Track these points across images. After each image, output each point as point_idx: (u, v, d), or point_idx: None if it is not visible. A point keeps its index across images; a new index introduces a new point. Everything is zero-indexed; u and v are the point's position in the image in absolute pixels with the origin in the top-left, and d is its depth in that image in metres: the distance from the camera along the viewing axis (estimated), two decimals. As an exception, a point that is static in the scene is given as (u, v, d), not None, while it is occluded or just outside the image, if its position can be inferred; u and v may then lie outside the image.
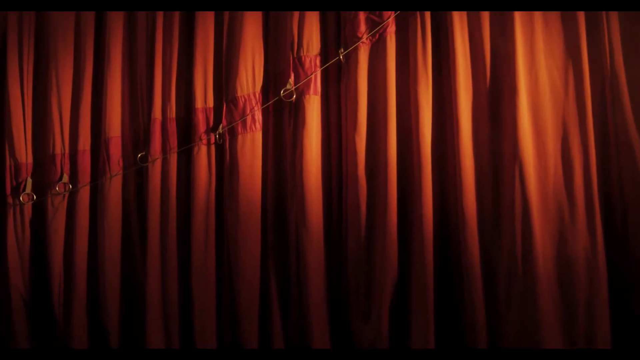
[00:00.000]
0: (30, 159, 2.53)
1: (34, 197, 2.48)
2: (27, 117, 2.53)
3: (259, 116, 2.24)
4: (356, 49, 2.13)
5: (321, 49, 2.22)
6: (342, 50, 2.16)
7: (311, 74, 2.17)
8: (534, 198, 1.87)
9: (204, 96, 2.30)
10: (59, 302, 2.41)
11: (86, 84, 2.48)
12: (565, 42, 1.96)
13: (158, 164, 2.33)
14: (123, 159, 2.43)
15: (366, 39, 2.12)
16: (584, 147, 1.89)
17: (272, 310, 2.16)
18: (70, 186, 2.45)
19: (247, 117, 2.22)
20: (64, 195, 2.45)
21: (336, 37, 2.25)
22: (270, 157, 2.27)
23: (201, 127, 2.29)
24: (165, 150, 2.33)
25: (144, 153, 2.37)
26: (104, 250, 2.36)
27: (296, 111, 2.18)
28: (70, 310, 2.38)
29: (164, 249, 2.28)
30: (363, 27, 2.12)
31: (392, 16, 2.08)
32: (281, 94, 2.19)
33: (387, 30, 2.09)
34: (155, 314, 2.25)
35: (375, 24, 2.10)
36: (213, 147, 2.28)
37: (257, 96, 2.25)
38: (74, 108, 2.48)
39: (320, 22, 2.23)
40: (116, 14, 2.44)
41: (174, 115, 2.34)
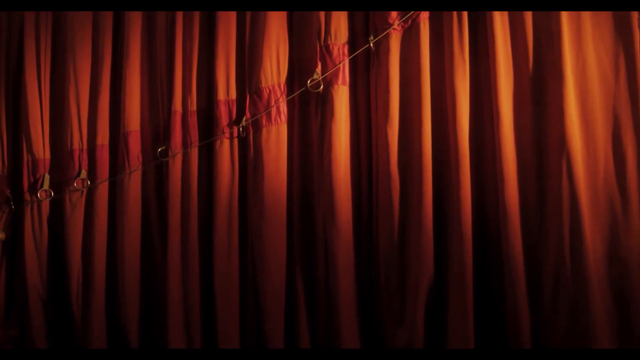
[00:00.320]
0: (47, 155, 2.45)
1: (52, 193, 2.40)
2: (45, 112, 2.45)
3: (284, 108, 2.11)
4: (387, 36, 1.99)
5: (349, 36, 2.09)
6: (372, 37, 2.02)
7: (339, 63, 2.04)
8: (582, 192, 1.71)
9: (226, 88, 2.17)
10: (77, 301, 2.33)
11: (104, 78, 2.38)
12: (615, 24, 1.79)
13: (179, 158, 2.21)
14: (142, 154, 2.32)
15: (398, 25, 1.98)
16: (637, 137, 1.74)
17: (299, 310, 2.04)
18: (89, 182, 2.35)
19: (272, 108, 2.09)
20: (82, 192, 2.35)
21: (365, 24, 2.10)
22: (296, 151, 2.14)
23: (223, 120, 2.16)
24: (186, 145, 2.22)
25: (164, 147, 2.26)
26: (123, 248, 2.26)
27: (324, 102, 2.05)
28: (88, 310, 2.29)
29: (185, 247, 2.16)
30: (394, 12, 1.98)
31: (426, 0, 1.93)
32: (308, 84, 2.06)
33: (420, 15, 1.95)
34: (177, 313, 2.14)
35: (408, 9, 1.96)
36: (236, 141, 2.16)
37: (282, 87, 2.12)
38: (92, 102, 2.39)
39: (348, 8, 2.09)
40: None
41: (195, 107, 2.23)
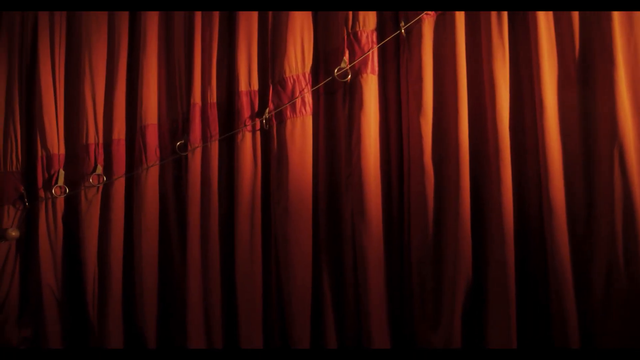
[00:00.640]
0: (62, 150, 2.35)
1: (67, 190, 2.30)
2: (59, 106, 2.36)
3: (309, 98, 1.99)
4: (419, 22, 1.86)
5: (377, 23, 1.96)
6: (403, 23, 1.89)
7: (368, 50, 1.90)
8: (637, 184, 1.57)
9: (247, 78, 2.05)
10: (93, 302, 2.23)
11: (120, 70, 2.27)
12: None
13: (198, 153, 2.10)
14: (160, 149, 2.21)
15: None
16: (695, 126, 1.59)
17: (325, 310, 1.92)
18: (105, 178, 2.25)
19: (297, 99, 1.97)
20: (97, 188, 2.25)
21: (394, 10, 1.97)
22: (322, 144, 2.01)
23: (245, 112, 2.04)
24: (205, 138, 2.10)
25: (182, 141, 2.15)
26: (141, 247, 2.15)
27: (352, 92, 1.92)
28: (105, 310, 2.19)
29: (205, 246, 2.05)
30: (428, -5, 1.85)
31: (461, -17, 1.80)
32: (335, 74, 1.93)
33: (455, -1, 1.82)
34: (196, 314, 2.03)
35: (441, -8, 1.83)
36: (258, 134, 2.04)
37: (307, 77, 1.99)
38: (108, 95, 2.29)
39: (377, -7, 1.96)
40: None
41: (214, 99, 2.11)
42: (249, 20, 2.08)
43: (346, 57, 1.92)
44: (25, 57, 2.45)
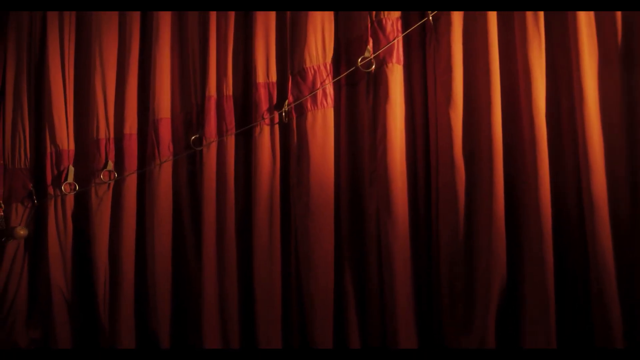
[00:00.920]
0: (72, 146, 2.27)
1: (76, 187, 2.22)
2: (69, 100, 2.28)
3: (330, 90, 1.88)
4: (448, 9, 1.75)
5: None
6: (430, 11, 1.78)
7: (394, 39, 1.80)
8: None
9: (265, 69, 1.95)
10: (104, 302, 2.14)
11: (132, 62, 2.18)
12: None
13: (213, 147, 2.00)
14: (174, 143, 2.11)
15: (460, -5, 1.74)
16: None
17: (348, 311, 1.81)
18: (116, 174, 2.16)
19: (318, 91, 1.86)
20: (109, 185, 2.16)
21: (420, -4, 1.87)
22: (343, 138, 1.91)
23: (263, 105, 1.94)
24: (221, 132, 2.00)
25: (197, 136, 2.05)
26: (154, 245, 2.06)
27: (376, 83, 1.81)
28: (116, 311, 2.10)
29: (221, 244, 1.95)
30: (456, -19, 1.74)
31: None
32: (358, 63, 1.82)
33: (486, -17, 1.70)
34: (212, 315, 1.94)
35: (471, -23, 1.72)
36: (277, 127, 1.93)
37: (328, 67, 1.89)
38: (119, 88, 2.20)
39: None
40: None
41: (230, 92, 2.00)
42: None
43: (370, 46, 1.81)
44: (34, 50, 2.38)
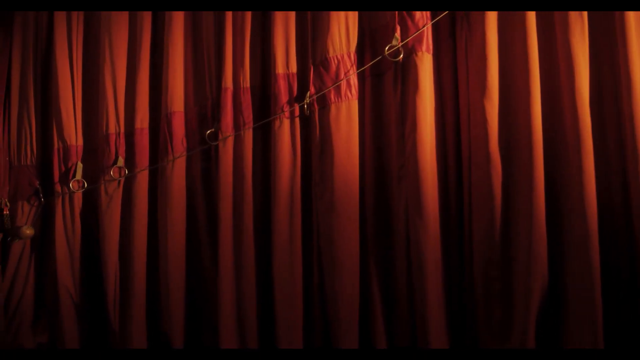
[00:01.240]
0: (80, 141, 2.17)
1: (85, 184, 2.12)
2: (77, 93, 2.17)
3: (355, 81, 1.76)
4: (481, -7, 1.63)
5: (432, -4, 1.74)
6: (463, -4, 1.66)
7: (423, 26, 1.68)
8: None
9: (285, 59, 1.83)
10: (114, 304, 2.04)
11: (143, 53, 2.06)
12: None
13: (230, 142, 1.88)
14: (187, 138, 2.00)
15: (494, -21, 1.62)
16: None
17: (375, 316, 1.71)
18: (127, 171, 2.05)
19: (342, 82, 1.75)
20: (119, 182, 2.06)
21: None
22: (368, 132, 1.79)
23: (283, 97, 1.82)
24: (238, 126, 1.88)
25: (212, 130, 1.93)
26: (167, 245, 1.94)
27: (404, 73, 1.69)
28: (127, 313, 1.99)
29: (238, 244, 1.84)
30: (490, -37, 1.62)
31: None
32: (386, 52, 1.71)
33: (523, -35, 1.58)
34: (229, 316, 1.83)
35: (506, -40, 1.60)
36: (297, 120, 1.81)
37: (353, 57, 1.77)
38: (129, 81, 2.09)
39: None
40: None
41: (248, 84, 1.89)
42: (285, -6, 1.86)
43: (398, 33, 1.69)
44: (41, 42, 2.28)
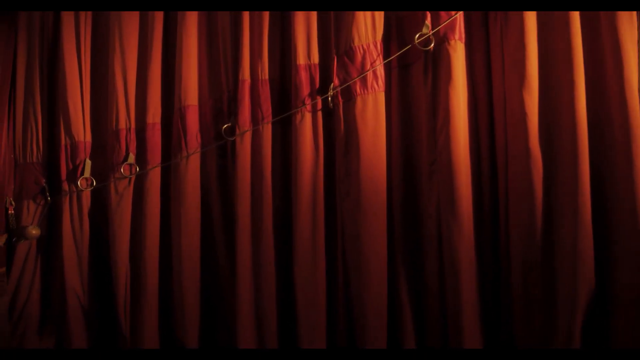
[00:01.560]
0: (88, 137, 2.07)
1: (94, 182, 2.01)
2: (85, 87, 2.07)
3: (381, 71, 1.65)
4: (518, -23, 1.52)
5: (462, -18, 1.62)
6: (498, -20, 1.55)
7: (456, 12, 1.57)
8: None
9: (306, 50, 1.72)
10: (125, 308, 1.94)
11: (155, 44, 1.96)
12: None
13: (248, 137, 1.77)
14: (202, 133, 1.89)
15: (533, -39, 1.51)
16: None
17: (404, 322, 1.60)
18: (138, 168, 1.94)
19: (368, 72, 1.63)
20: (130, 180, 1.95)
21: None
22: (395, 126, 1.68)
23: (304, 89, 1.71)
24: (256, 120, 1.77)
25: (229, 124, 1.83)
26: (180, 246, 1.84)
27: (435, 63, 1.58)
28: (139, 318, 1.89)
29: (257, 245, 1.73)
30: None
31: None
32: (415, 41, 1.60)
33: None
34: (247, 326, 1.72)
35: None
36: (320, 114, 1.70)
37: (379, 46, 1.66)
38: (141, 73, 1.98)
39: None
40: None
41: (266, 76, 1.78)
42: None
43: (428, 20, 1.58)
44: (47, 34, 2.18)
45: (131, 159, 1.94)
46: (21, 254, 2.05)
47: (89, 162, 2.01)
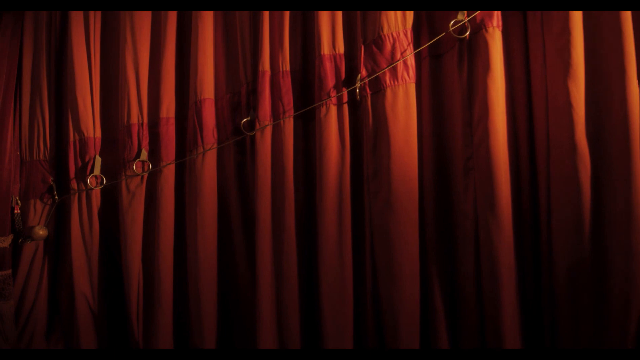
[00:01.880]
0: (98, 133, 1.97)
1: (104, 180, 1.92)
2: (95, 80, 1.98)
3: (412, 61, 1.54)
4: (561, -41, 1.41)
5: (499, -35, 1.52)
6: (538, -38, 1.44)
7: (493, -3, 1.46)
8: None
9: (331, 38, 1.61)
10: (137, 314, 1.84)
11: (169, 34, 1.86)
12: None
13: (268, 132, 1.67)
14: (219, 128, 1.79)
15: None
16: None
17: (438, 330, 1.49)
18: (151, 165, 1.84)
19: (398, 63, 1.53)
20: (142, 177, 1.85)
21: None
22: (426, 119, 1.57)
23: (329, 81, 1.60)
24: (277, 114, 1.67)
25: (248, 119, 1.72)
26: (197, 248, 1.73)
27: (471, 52, 1.47)
28: (152, 324, 1.79)
29: (278, 246, 1.63)
30: None
31: None
32: (450, 28, 1.49)
33: None
34: (268, 332, 1.61)
35: None
36: (346, 107, 1.60)
37: (409, 35, 1.55)
38: (153, 65, 1.89)
39: None
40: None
41: (288, 67, 1.67)
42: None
43: (463, 7, 1.47)
44: (54, 25, 2.09)
45: (144, 155, 1.84)
46: (27, 255, 1.96)
47: (99, 159, 1.92)
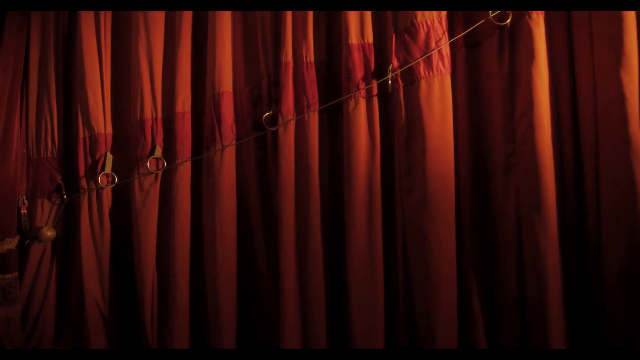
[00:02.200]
0: (109, 129, 1.89)
1: (116, 178, 1.83)
2: (106, 74, 1.90)
3: (447, 51, 1.44)
4: (610, -60, 1.31)
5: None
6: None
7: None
8: None
9: (359, 27, 1.51)
10: (151, 318, 1.75)
11: (185, 25, 1.77)
12: None
13: (291, 127, 1.57)
14: (238, 123, 1.70)
15: None
16: None
17: (475, 327, 1.40)
18: (165, 162, 1.75)
19: (433, 52, 1.42)
20: (156, 176, 1.77)
21: None
22: (462, 112, 1.47)
23: (358, 72, 1.50)
24: (301, 108, 1.57)
25: (270, 113, 1.62)
26: (215, 249, 1.64)
27: (513, 40, 1.37)
28: (167, 329, 1.71)
29: (303, 247, 1.54)
30: None
31: None
32: (489, 16, 1.39)
33: None
34: (292, 332, 1.52)
35: None
36: (376, 100, 1.50)
37: (444, 23, 1.45)
38: (168, 59, 1.80)
39: None
40: None
41: (312, 58, 1.57)
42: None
43: (505, -8, 1.37)
44: (62, 18, 2.03)
45: (158, 152, 1.76)
46: (35, 257, 1.88)
47: (110, 157, 1.83)
